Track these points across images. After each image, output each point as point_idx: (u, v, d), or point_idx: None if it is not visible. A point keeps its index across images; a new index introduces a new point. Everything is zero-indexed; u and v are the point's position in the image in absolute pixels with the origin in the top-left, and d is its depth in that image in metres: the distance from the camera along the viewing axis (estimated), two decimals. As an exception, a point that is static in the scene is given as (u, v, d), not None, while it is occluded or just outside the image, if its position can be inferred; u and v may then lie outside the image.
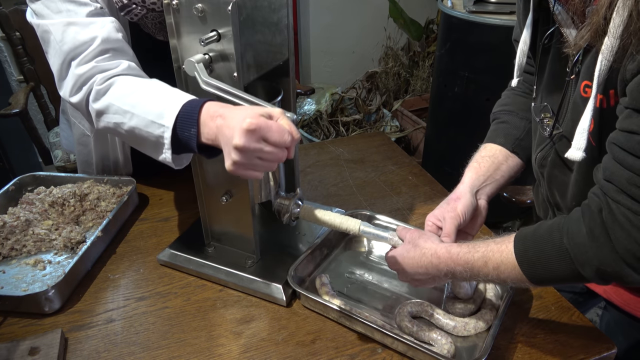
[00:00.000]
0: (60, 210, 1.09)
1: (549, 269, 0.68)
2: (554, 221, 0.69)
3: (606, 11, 0.59)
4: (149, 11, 0.96)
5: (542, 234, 0.69)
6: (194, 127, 0.76)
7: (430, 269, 0.78)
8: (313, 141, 2.76)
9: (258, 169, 0.71)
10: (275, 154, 0.70)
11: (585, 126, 0.67)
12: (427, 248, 0.79)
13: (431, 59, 3.23)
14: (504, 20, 1.96)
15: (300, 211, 0.99)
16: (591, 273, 0.64)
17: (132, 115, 0.82)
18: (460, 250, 0.76)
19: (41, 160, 2.09)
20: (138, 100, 0.82)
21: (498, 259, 0.71)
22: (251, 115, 0.68)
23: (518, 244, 0.70)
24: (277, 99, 0.91)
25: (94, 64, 0.87)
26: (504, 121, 0.98)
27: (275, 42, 0.87)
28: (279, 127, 0.69)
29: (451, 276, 0.77)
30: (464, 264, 0.74)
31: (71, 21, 0.88)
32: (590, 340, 0.83)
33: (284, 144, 0.69)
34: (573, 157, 0.69)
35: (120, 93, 0.85)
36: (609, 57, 0.61)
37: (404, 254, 0.82)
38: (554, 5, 0.72)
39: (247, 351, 0.82)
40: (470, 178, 0.91)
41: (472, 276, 0.75)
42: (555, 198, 0.88)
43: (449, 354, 0.77)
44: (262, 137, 0.68)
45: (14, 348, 0.79)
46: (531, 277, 0.69)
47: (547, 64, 0.82)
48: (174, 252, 1.00)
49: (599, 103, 0.67)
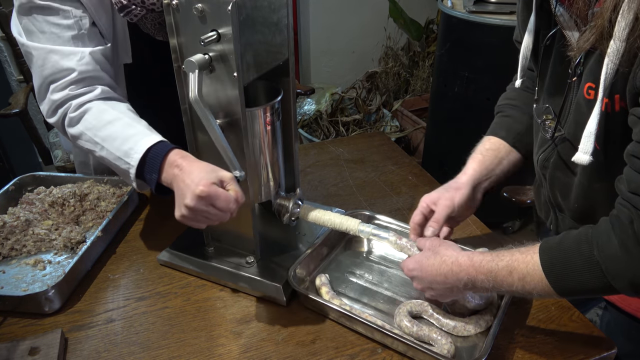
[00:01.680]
0: (60, 210, 1.09)
1: (579, 282, 0.66)
2: (580, 232, 0.68)
3: (611, 14, 0.59)
4: (148, 12, 0.96)
5: (570, 245, 0.67)
6: (155, 172, 0.85)
7: (450, 277, 0.76)
8: (313, 141, 2.76)
9: (202, 223, 0.82)
10: (220, 216, 0.80)
11: (592, 130, 0.66)
12: (448, 256, 0.77)
13: (431, 59, 3.23)
14: (504, 20, 1.96)
15: (300, 211, 0.99)
16: (624, 285, 0.63)
17: (102, 147, 0.91)
18: (484, 258, 0.74)
19: (41, 160, 2.09)
20: (108, 135, 0.90)
21: (524, 270, 0.69)
22: (204, 183, 0.77)
23: (544, 255, 0.68)
24: (277, 99, 0.91)
25: (67, 92, 0.94)
26: (508, 115, 0.98)
27: (275, 42, 0.87)
28: (226, 196, 0.79)
29: (471, 286, 0.75)
30: (487, 272, 0.72)
31: (53, 49, 0.93)
32: (590, 340, 0.83)
33: (229, 211, 0.80)
34: (580, 160, 0.68)
35: (92, 124, 0.92)
36: (615, 60, 0.61)
37: (423, 261, 0.80)
38: (556, 8, 0.72)
39: (247, 351, 0.82)
40: (474, 170, 0.91)
41: (494, 286, 0.73)
42: (557, 199, 0.88)
43: (449, 354, 0.77)
44: (210, 203, 0.78)
45: (14, 348, 0.79)
46: (559, 289, 0.67)
47: (549, 66, 0.81)
48: (174, 252, 1.00)
49: (604, 107, 0.67)
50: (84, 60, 0.94)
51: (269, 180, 0.97)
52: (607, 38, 0.61)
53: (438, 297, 0.81)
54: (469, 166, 0.92)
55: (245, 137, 0.84)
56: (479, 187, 0.91)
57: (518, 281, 0.70)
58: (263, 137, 0.91)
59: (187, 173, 0.81)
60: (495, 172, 0.92)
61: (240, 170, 0.82)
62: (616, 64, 0.61)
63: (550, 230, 0.95)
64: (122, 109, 0.95)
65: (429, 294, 0.81)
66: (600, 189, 0.77)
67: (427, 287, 0.80)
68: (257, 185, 0.95)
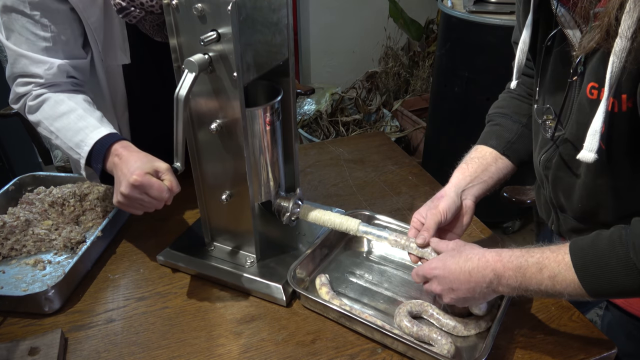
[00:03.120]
0: (60, 210, 1.09)
1: (613, 284, 0.65)
2: (613, 232, 0.67)
3: (617, 12, 0.59)
4: (147, 13, 0.96)
5: (603, 247, 0.66)
6: (100, 163, 0.91)
7: (474, 275, 0.74)
8: (313, 141, 2.76)
9: (139, 210, 0.88)
10: (154, 204, 0.86)
11: (597, 128, 0.66)
12: (475, 253, 0.76)
13: (431, 59, 3.23)
14: (504, 20, 1.96)
15: (300, 211, 0.99)
16: None
17: (57, 137, 0.97)
18: (513, 254, 0.72)
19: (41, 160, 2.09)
20: (62, 126, 0.96)
21: (555, 269, 0.68)
22: (138, 173, 0.83)
23: (576, 257, 0.67)
24: (277, 99, 0.91)
25: (31, 87, 1.00)
26: (497, 123, 0.99)
27: (275, 42, 0.87)
28: (159, 186, 0.83)
29: (496, 284, 0.73)
30: (515, 268, 0.70)
31: (24, 54, 0.97)
32: (590, 340, 0.83)
33: (162, 200, 0.85)
34: (585, 158, 0.68)
35: (49, 114, 0.98)
36: (622, 58, 0.60)
37: (447, 259, 0.78)
38: (557, 7, 0.72)
39: (247, 351, 0.82)
40: (457, 178, 0.92)
41: (522, 284, 0.70)
42: (559, 200, 0.88)
43: (449, 354, 0.77)
44: (144, 192, 0.83)
45: (14, 348, 0.79)
46: (592, 291, 0.66)
47: (549, 66, 0.81)
48: (174, 252, 1.00)
49: (610, 106, 0.67)
50: (51, 71, 0.98)
51: (269, 180, 0.97)
52: (612, 37, 0.61)
53: (457, 301, 0.78)
54: (453, 176, 0.93)
55: (245, 137, 0.84)
56: (464, 193, 0.90)
57: (548, 279, 0.69)
58: (263, 137, 0.91)
59: (125, 162, 0.87)
60: (482, 178, 0.92)
61: (180, 163, 0.85)
62: (622, 62, 0.61)
63: (552, 230, 0.95)
64: (78, 100, 0.99)
65: (448, 297, 0.78)
66: (604, 188, 0.77)
67: (448, 287, 0.77)
68: (257, 185, 0.95)
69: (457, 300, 0.78)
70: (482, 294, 0.75)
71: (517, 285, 0.71)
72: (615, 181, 0.72)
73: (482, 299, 0.78)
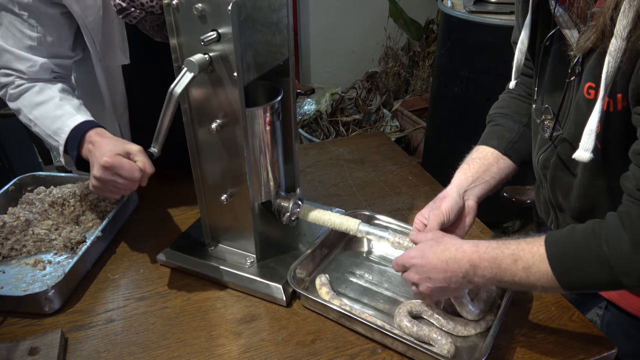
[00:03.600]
0: (60, 210, 1.09)
1: (585, 276, 0.66)
2: (587, 226, 0.67)
3: (612, 12, 0.59)
4: (147, 14, 0.96)
5: (577, 239, 0.67)
6: (75, 150, 0.93)
7: (451, 265, 0.74)
8: (313, 141, 2.76)
9: (115, 193, 0.89)
10: (127, 185, 0.86)
11: (592, 127, 0.66)
12: (452, 243, 0.77)
13: (431, 59, 3.23)
14: (504, 20, 1.96)
15: (300, 211, 0.99)
16: (634, 282, 0.63)
17: (35, 125, 0.99)
18: (489, 245, 0.73)
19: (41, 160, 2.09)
20: (40, 115, 0.99)
21: (529, 260, 0.69)
22: (108, 155, 0.84)
23: (550, 248, 0.68)
24: (277, 98, 0.91)
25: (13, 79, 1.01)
26: (498, 124, 0.99)
27: (275, 42, 0.87)
28: (130, 165, 0.84)
29: (472, 274, 0.73)
30: (491, 259, 0.71)
31: (9, 49, 0.99)
32: (590, 340, 0.83)
33: (134, 180, 0.85)
34: (580, 158, 0.68)
35: (28, 102, 1.00)
36: (617, 58, 0.61)
37: (425, 248, 0.79)
38: (555, 7, 0.72)
39: (247, 351, 0.82)
40: (459, 179, 0.92)
41: (496, 275, 0.71)
42: (558, 200, 0.88)
43: (449, 354, 0.77)
44: (116, 173, 0.84)
45: (14, 348, 0.79)
46: (565, 283, 0.67)
47: (548, 66, 0.82)
48: (174, 252, 1.00)
49: (606, 106, 0.67)
50: (33, 68, 1.00)
51: (269, 180, 0.97)
52: (608, 37, 0.61)
53: (433, 290, 0.78)
54: (455, 176, 0.93)
55: (245, 137, 0.84)
56: (467, 193, 0.90)
57: (522, 271, 0.69)
58: (263, 137, 0.91)
59: (97, 147, 0.88)
60: (484, 178, 0.92)
61: (157, 148, 0.86)
62: (617, 62, 0.61)
63: (551, 230, 0.95)
64: (57, 89, 1.01)
65: (425, 285, 0.78)
66: (601, 188, 0.77)
67: (425, 276, 0.78)
68: (257, 185, 0.95)
69: (433, 290, 0.78)
70: (458, 283, 0.76)
71: (491, 276, 0.72)
72: (612, 180, 0.73)
73: (458, 289, 0.79)
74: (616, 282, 0.64)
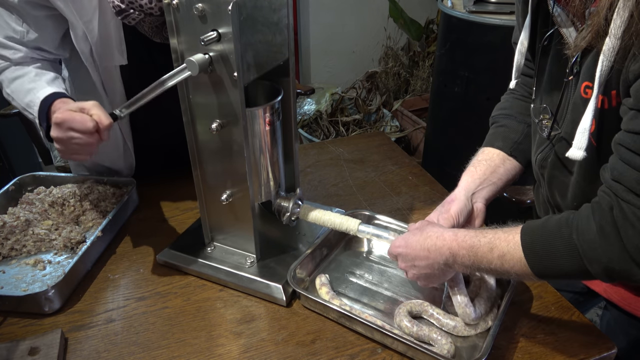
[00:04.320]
0: (60, 210, 1.09)
1: (556, 264, 0.68)
2: (562, 216, 0.69)
3: (607, 12, 0.59)
4: (146, 15, 0.96)
5: (551, 228, 0.68)
6: (44, 121, 0.94)
7: (433, 252, 0.77)
8: (313, 141, 2.76)
9: (79, 152, 0.87)
10: (86, 139, 0.84)
11: (586, 126, 0.67)
12: (434, 231, 0.79)
13: (431, 59, 3.23)
14: (504, 20, 1.96)
15: (300, 211, 0.99)
16: (599, 270, 0.65)
17: (13, 99, 1.02)
18: (467, 234, 0.75)
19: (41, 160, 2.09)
20: (15, 88, 1.01)
21: (504, 248, 0.71)
22: (60, 112, 0.84)
23: (525, 236, 0.70)
24: (278, 98, 0.91)
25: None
26: (502, 125, 0.99)
27: (275, 42, 0.87)
28: (81, 117, 0.83)
29: (452, 262, 0.76)
30: (469, 247, 0.74)
31: None
32: (590, 340, 0.83)
33: (88, 130, 0.83)
34: (574, 156, 0.69)
35: (7, 78, 1.03)
36: (610, 57, 0.61)
37: (408, 237, 0.82)
38: (553, 7, 0.72)
39: (247, 351, 0.82)
40: (466, 181, 0.92)
41: (474, 262, 0.74)
42: (555, 199, 0.88)
43: (449, 354, 0.77)
44: (69, 128, 0.83)
45: (14, 348, 0.79)
46: (536, 270, 0.69)
47: (547, 66, 0.82)
48: (174, 252, 1.00)
49: (600, 104, 0.67)
50: (17, 55, 1.02)
51: (269, 180, 0.97)
52: (603, 36, 0.61)
53: (419, 277, 0.82)
54: (462, 179, 0.93)
55: (245, 137, 0.84)
56: (475, 196, 0.90)
57: (497, 259, 0.71)
58: (263, 137, 0.91)
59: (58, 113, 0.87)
60: (492, 180, 0.92)
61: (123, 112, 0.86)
62: (611, 61, 0.62)
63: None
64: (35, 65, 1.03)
65: (411, 273, 0.82)
66: (597, 187, 0.77)
67: (410, 264, 0.81)
68: (257, 185, 0.95)
69: (419, 277, 0.82)
70: (441, 270, 0.79)
71: (470, 263, 0.74)
72: None
73: (442, 275, 0.81)
74: (585, 271, 0.66)
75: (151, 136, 1.20)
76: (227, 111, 0.83)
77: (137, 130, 1.19)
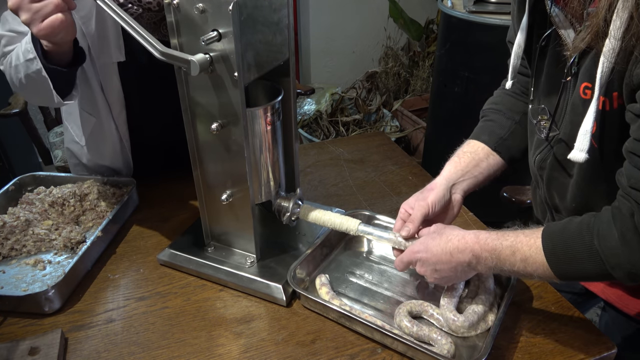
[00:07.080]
0: (60, 210, 1.09)
1: (579, 268, 0.68)
2: (583, 220, 0.69)
3: (606, 13, 0.59)
4: (145, 11, 0.96)
5: (572, 233, 0.69)
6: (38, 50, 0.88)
7: (455, 255, 0.77)
8: (313, 141, 2.76)
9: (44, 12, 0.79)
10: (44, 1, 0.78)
11: (588, 128, 0.67)
12: (455, 234, 0.79)
13: (431, 59, 3.23)
14: (504, 20, 1.96)
15: (300, 211, 0.99)
16: (622, 275, 0.65)
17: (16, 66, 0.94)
18: (489, 236, 0.75)
19: (41, 160, 2.09)
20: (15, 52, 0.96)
21: (527, 252, 0.71)
22: None
23: (546, 241, 0.70)
24: (277, 99, 0.91)
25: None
26: (491, 119, 0.99)
27: (275, 42, 0.87)
28: None
29: (475, 264, 0.76)
30: (491, 250, 0.74)
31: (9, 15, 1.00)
32: (590, 340, 0.83)
33: None
34: (575, 158, 0.69)
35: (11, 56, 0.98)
36: (610, 58, 0.61)
37: (428, 242, 0.81)
38: (551, 8, 0.72)
39: (247, 351, 0.82)
40: (449, 171, 0.93)
41: (497, 264, 0.74)
42: (554, 200, 0.88)
43: (449, 354, 0.77)
44: None
45: (14, 348, 0.79)
46: (560, 274, 0.70)
47: (544, 67, 0.82)
48: (174, 252, 1.00)
49: (602, 105, 0.67)
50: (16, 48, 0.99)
51: (269, 180, 0.97)
52: (602, 37, 0.61)
53: (441, 280, 0.82)
54: (445, 168, 0.94)
55: (245, 137, 0.84)
56: (455, 187, 0.91)
57: (520, 262, 0.72)
58: (263, 137, 0.91)
59: None
60: (473, 173, 0.93)
61: None
62: (612, 62, 0.62)
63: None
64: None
65: (432, 277, 0.82)
66: (597, 188, 0.77)
67: (432, 269, 0.81)
68: (257, 185, 0.95)
69: (440, 280, 0.82)
70: (463, 272, 0.79)
71: (493, 265, 0.75)
72: (608, 180, 0.73)
73: (464, 277, 0.82)
74: (608, 275, 0.67)
75: (148, 134, 1.20)
76: (227, 111, 0.83)
77: (135, 130, 1.19)
